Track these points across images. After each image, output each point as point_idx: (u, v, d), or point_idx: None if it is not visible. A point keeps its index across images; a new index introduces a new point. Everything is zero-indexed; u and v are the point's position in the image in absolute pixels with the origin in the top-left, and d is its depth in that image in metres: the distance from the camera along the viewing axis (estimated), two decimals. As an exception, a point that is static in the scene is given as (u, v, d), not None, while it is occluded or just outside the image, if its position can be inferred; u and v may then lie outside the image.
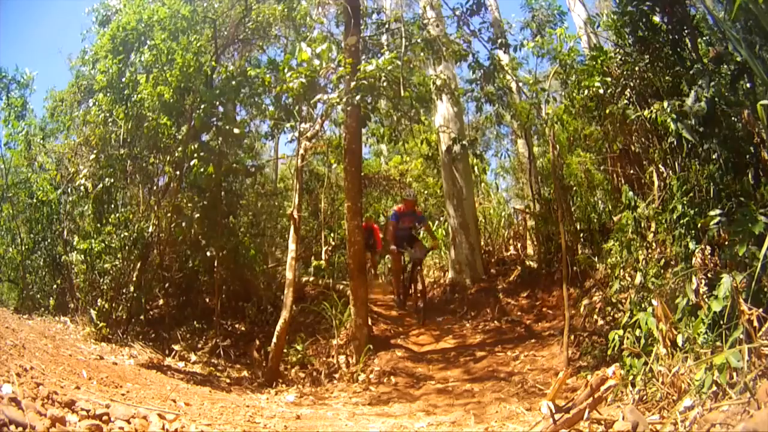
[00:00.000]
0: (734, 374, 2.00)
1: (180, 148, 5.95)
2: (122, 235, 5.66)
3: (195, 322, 5.79)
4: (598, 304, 4.43)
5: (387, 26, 6.55)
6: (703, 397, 2.03)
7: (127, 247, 5.70)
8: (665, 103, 3.42)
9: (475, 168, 8.84)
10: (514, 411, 3.20)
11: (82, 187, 6.19)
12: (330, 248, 8.12)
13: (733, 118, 3.15)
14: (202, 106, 5.59)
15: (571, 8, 8.19)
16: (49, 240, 6.48)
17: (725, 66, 3.39)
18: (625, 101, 4.12)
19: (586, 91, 4.59)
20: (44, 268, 6.49)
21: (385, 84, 4.82)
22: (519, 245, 8.34)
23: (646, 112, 3.71)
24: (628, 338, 2.90)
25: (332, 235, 8.82)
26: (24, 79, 6.98)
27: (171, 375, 4.34)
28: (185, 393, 3.59)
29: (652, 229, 3.58)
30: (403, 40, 5.67)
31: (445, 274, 8.06)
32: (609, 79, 4.33)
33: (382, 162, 12.68)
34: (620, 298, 3.70)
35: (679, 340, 2.49)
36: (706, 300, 2.43)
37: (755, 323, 2.05)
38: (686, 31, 3.71)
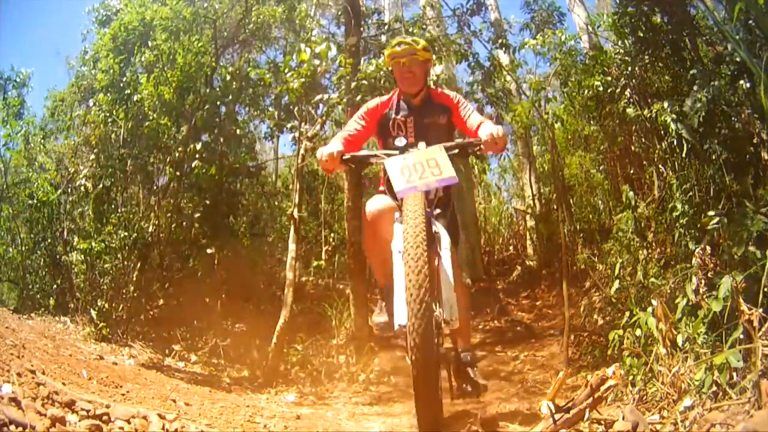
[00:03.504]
0: (734, 374, 2.00)
1: (180, 149, 5.94)
2: (122, 235, 5.66)
3: (195, 322, 5.79)
4: (598, 303, 4.44)
5: (388, 27, 6.55)
6: (703, 397, 2.03)
7: (127, 247, 5.70)
8: (665, 103, 3.42)
9: (475, 168, 8.83)
10: (514, 411, 3.21)
11: (82, 188, 6.19)
12: (330, 248, 8.11)
13: (733, 118, 3.16)
14: (206, 107, 5.60)
15: (571, 8, 8.19)
16: (49, 240, 6.47)
17: (725, 66, 3.39)
18: (625, 101, 4.13)
19: (586, 91, 4.60)
20: (44, 268, 6.49)
21: (386, 85, 4.83)
22: (519, 245, 8.34)
23: (645, 112, 3.72)
24: (628, 338, 2.90)
25: (332, 235, 8.82)
26: (21, 77, 6.98)
27: (171, 375, 4.34)
28: (185, 393, 3.59)
29: (652, 229, 3.59)
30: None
31: (445, 274, 8.06)
32: (609, 78, 4.34)
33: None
34: (620, 298, 3.70)
35: (679, 340, 2.49)
36: (706, 300, 2.43)
37: (755, 323, 2.05)
38: (686, 31, 3.71)
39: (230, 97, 5.96)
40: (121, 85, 5.95)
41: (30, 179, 6.71)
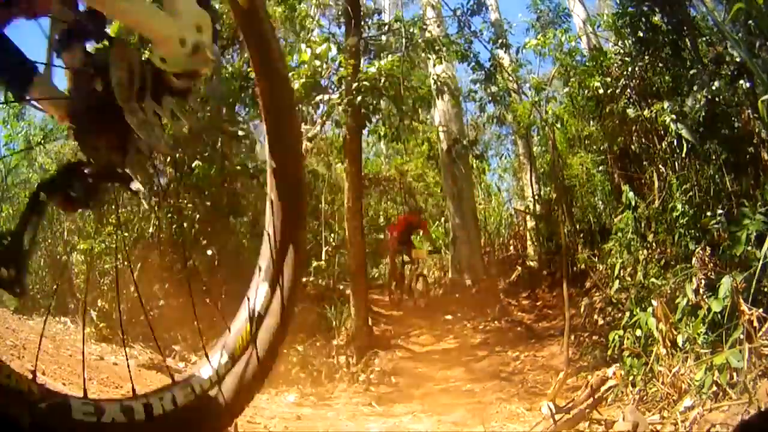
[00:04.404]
0: (734, 374, 2.00)
1: (180, 149, 5.94)
2: (123, 236, 5.66)
3: (195, 323, 5.78)
4: (598, 304, 4.44)
5: (388, 27, 6.55)
6: (703, 397, 2.03)
7: (127, 248, 5.70)
8: (665, 103, 3.42)
9: (475, 168, 8.83)
10: (515, 411, 3.21)
11: (82, 188, 6.19)
12: (330, 248, 8.11)
13: (732, 118, 3.16)
14: (208, 108, 5.60)
15: (571, 9, 8.19)
16: (49, 240, 6.47)
17: (725, 66, 3.39)
18: (625, 101, 4.13)
19: (586, 92, 4.60)
20: (44, 269, 6.49)
21: (386, 85, 4.83)
22: (519, 245, 8.34)
23: (646, 112, 3.72)
24: (628, 338, 2.90)
25: (332, 235, 8.83)
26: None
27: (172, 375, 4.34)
28: (186, 393, 3.58)
29: (652, 229, 3.59)
30: (404, 40, 5.67)
31: (446, 274, 8.07)
32: (609, 79, 4.34)
33: (382, 162, 12.67)
34: (620, 298, 3.70)
35: (679, 340, 2.49)
36: (706, 300, 2.43)
37: (755, 323, 2.05)
38: (686, 32, 3.72)
39: (231, 98, 5.96)
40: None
41: (30, 180, 6.72)
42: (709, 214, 2.89)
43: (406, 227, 7.49)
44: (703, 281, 2.57)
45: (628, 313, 3.10)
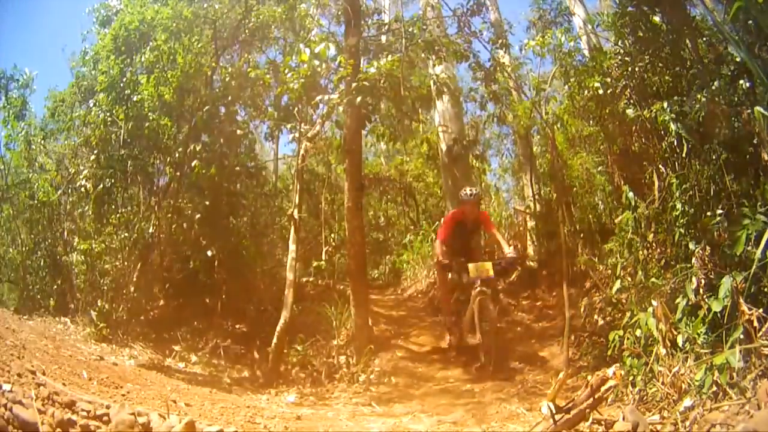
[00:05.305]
0: (734, 374, 2.01)
1: (180, 149, 5.95)
2: (123, 236, 5.66)
3: (195, 323, 5.79)
4: (598, 304, 4.43)
5: (388, 27, 6.54)
6: (703, 397, 2.03)
7: (127, 248, 5.70)
8: (665, 103, 3.42)
9: (475, 168, 8.83)
10: (515, 411, 3.21)
11: (82, 188, 6.19)
12: (330, 248, 8.12)
13: (732, 118, 3.16)
14: (206, 108, 5.60)
15: (572, 9, 8.19)
16: (49, 240, 6.47)
17: (725, 66, 3.39)
18: (625, 101, 4.13)
19: (586, 92, 4.59)
20: (44, 269, 6.49)
21: (385, 85, 4.83)
22: (519, 245, 8.33)
23: (645, 112, 3.72)
24: (628, 338, 2.90)
25: (332, 235, 8.83)
26: (24, 78, 6.98)
27: (171, 376, 4.34)
28: (186, 393, 3.59)
29: (653, 229, 3.59)
30: (404, 40, 5.67)
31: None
32: (609, 79, 4.34)
33: (382, 162, 12.68)
34: (620, 298, 3.70)
35: (679, 340, 2.49)
36: (706, 300, 2.44)
37: (755, 323, 2.05)
38: (686, 32, 3.71)
39: (230, 98, 5.96)
40: (122, 85, 5.94)
41: (30, 180, 6.71)
42: (709, 214, 2.89)
43: (460, 228, 4.92)
44: (703, 281, 2.58)
45: (628, 313, 3.09)
